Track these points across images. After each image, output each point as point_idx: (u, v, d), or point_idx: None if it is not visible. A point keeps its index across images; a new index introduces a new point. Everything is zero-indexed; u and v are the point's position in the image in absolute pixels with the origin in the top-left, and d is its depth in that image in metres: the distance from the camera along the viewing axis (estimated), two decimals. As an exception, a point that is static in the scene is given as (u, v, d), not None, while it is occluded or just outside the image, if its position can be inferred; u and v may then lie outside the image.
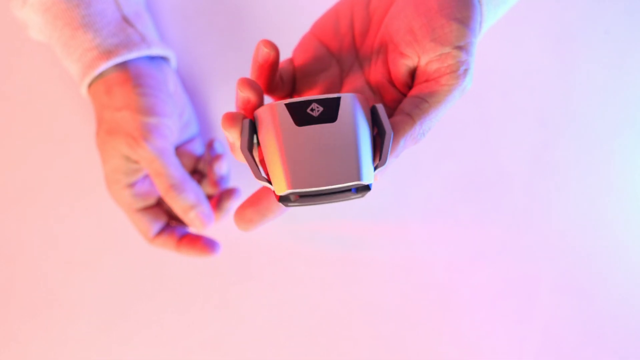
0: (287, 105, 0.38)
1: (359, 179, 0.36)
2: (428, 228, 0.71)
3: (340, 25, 0.48)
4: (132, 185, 0.59)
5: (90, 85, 0.59)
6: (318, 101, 0.37)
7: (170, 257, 0.69)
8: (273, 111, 0.38)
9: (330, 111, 0.37)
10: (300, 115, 0.37)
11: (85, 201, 0.69)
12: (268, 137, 0.38)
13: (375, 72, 0.45)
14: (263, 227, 0.70)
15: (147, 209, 0.62)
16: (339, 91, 0.46)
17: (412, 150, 0.69)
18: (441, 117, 0.42)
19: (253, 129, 0.40)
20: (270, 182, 0.38)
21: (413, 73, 0.43)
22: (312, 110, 0.37)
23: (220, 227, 0.68)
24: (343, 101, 0.38)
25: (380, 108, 0.40)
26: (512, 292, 0.71)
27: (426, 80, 0.42)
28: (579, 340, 0.71)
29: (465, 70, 0.40)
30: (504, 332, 0.71)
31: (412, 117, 0.41)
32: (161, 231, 0.62)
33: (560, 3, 0.71)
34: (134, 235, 0.69)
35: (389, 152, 0.38)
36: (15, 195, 0.69)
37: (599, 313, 0.71)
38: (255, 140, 0.41)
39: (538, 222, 0.71)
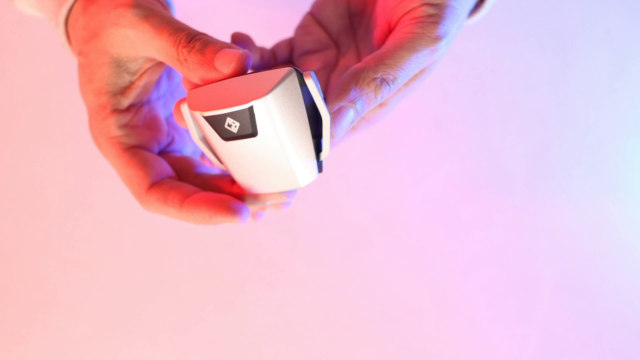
0: (206, 118, 0.35)
1: (298, 185, 0.39)
2: (428, 228, 0.70)
3: (337, 7, 0.48)
4: (120, 110, 0.43)
5: (68, 16, 0.44)
6: (231, 115, 0.34)
7: (170, 257, 0.69)
8: (197, 121, 0.35)
9: (246, 126, 0.34)
10: (221, 130, 0.35)
11: (85, 201, 0.69)
12: (208, 144, 0.38)
13: (365, 52, 0.45)
14: (262, 227, 0.70)
15: (141, 147, 0.44)
16: (332, 70, 0.45)
17: (413, 150, 0.69)
18: (406, 68, 0.38)
19: None
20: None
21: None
22: (229, 125, 0.35)
23: (219, 227, 0.68)
24: (258, 110, 0.34)
25: (310, 86, 0.34)
26: (513, 292, 0.71)
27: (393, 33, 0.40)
28: (580, 340, 0.71)
29: (434, 23, 0.37)
30: (504, 332, 0.71)
31: (367, 62, 0.38)
32: (161, 180, 0.42)
33: (561, 2, 0.71)
34: (134, 235, 0.69)
35: (330, 141, 0.37)
36: (15, 195, 0.69)
37: (599, 313, 0.71)
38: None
39: (538, 222, 0.71)
